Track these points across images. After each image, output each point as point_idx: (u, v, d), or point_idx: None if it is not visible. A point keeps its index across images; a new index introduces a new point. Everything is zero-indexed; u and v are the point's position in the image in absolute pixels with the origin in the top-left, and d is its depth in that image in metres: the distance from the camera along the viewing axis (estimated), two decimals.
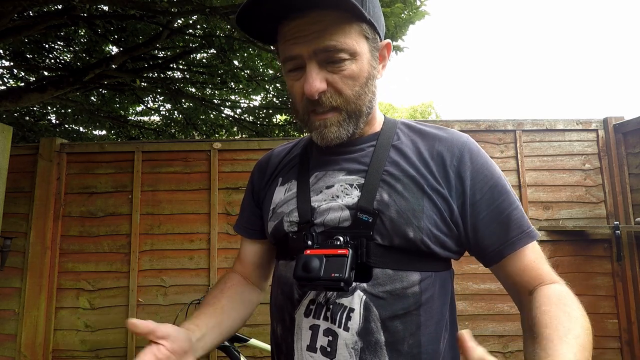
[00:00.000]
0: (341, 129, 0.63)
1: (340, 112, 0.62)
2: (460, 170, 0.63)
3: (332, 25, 0.58)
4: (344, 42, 0.58)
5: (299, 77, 0.62)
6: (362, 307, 0.58)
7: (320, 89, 0.59)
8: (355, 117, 0.63)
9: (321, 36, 0.57)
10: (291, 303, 0.64)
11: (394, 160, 0.65)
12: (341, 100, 0.61)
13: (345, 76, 0.60)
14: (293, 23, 0.59)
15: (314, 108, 0.62)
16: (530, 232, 0.63)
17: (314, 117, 0.63)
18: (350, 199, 0.63)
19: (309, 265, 0.54)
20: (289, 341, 0.63)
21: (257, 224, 0.79)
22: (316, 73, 0.59)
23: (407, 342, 0.58)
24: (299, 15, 0.58)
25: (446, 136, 0.67)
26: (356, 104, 0.62)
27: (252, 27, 0.63)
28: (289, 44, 0.60)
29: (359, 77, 0.61)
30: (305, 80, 0.59)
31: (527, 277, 0.61)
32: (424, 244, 0.59)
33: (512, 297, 0.67)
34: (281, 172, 0.75)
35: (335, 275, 0.53)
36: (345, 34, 0.58)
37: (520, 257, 0.62)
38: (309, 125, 0.64)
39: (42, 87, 2.98)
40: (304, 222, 0.64)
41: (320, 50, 0.58)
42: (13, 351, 2.45)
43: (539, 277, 0.61)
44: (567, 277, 2.53)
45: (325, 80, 0.60)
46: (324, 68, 0.60)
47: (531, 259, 0.62)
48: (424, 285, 0.60)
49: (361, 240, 0.59)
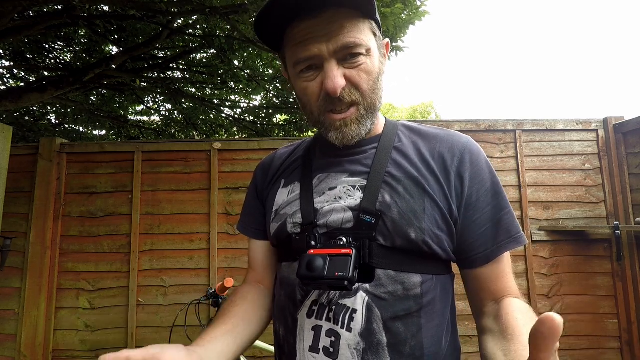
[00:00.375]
0: (361, 126, 0.64)
1: (358, 107, 0.62)
2: (460, 170, 0.64)
3: (348, 23, 0.58)
4: (361, 39, 0.59)
5: (313, 77, 0.61)
6: (365, 308, 0.58)
7: (342, 84, 0.59)
8: (371, 112, 0.64)
9: (340, 34, 0.58)
10: (294, 304, 0.64)
11: (396, 162, 0.65)
12: (359, 94, 0.62)
13: (361, 70, 0.61)
14: (304, 24, 0.59)
15: (332, 107, 0.62)
16: (518, 237, 0.64)
17: (333, 116, 0.63)
18: (353, 201, 0.63)
19: (313, 264, 0.54)
20: (291, 342, 0.63)
21: (264, 224, 0.78)
22: (337, 69, 0.59)
23: (409, 344, 0.59)
24: (310, 16, 0.58)
25: (447, 137, 0.68)
26: (372, 98, 0.63)
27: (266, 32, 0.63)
28: (304, 44, 0.59)
29: (373, 72, 0.62)
30: (327, 77, 0.59)
31: (497, 286, 0.64)
32: (426, 245, 0.60)
33: (471, 301, 0.68)
34: (284, 173, 0.76)
35: (339, 274, 0.53)
36: (360, 31, 0.60)
37: (499, 263, 0.64)
38: (327, 125, 0.64)
39: (42, 87, 2.98)
40: (307, 224, 0.64)
41: (340, 48, 0.58)
42: (13, 351, 2.45)
43: (508, 288, 0.64)
44: (567, 277, 2.54)
45: (344, 75, 0.60)
46: (341, 65, 0.60)
47: (504, 268, 0.64)
48: (425, 288, 0.60)
49: (364, 241, 0.59)
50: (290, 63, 0.64)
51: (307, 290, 0.63)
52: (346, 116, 0.62)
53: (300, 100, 0.67)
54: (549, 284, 2.50)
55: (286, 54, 0.65)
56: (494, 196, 0.64)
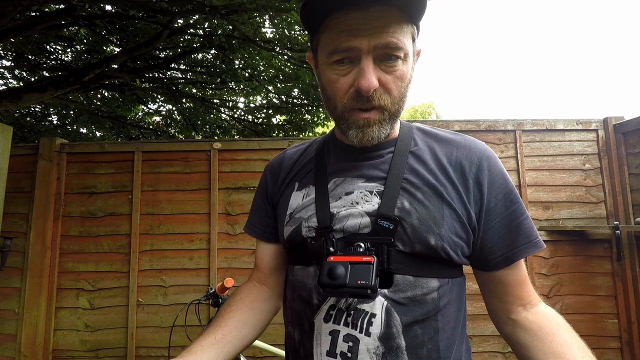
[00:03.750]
0: (382, 129, 0.63)
1: (383, 112, 0.61)
2: (479, 178, 0.64)
3: (393, 23, 0.57)
4: (402, 41, 0.58)
5: (346, 72, 0.60)
6: (384, 313, 0.59)
7: (375, 85, 0.58)
8: (394, 118, 0.63)
9: (384, 32, 0.57)
10: (310, 308, 0.64)
11: (413, 168, 0.65)
12: (389, 100, 0.61)
13: (396, 77, 0.60)
14: (352, 15, 0.57)
15: (359, 106, 0.61)
16: (537, 242, 0.65)
17: (358, 114, 0.61)
18: (370, 206, 0.63)
19: (334, 272, 0.54)
20: (307, 346, 0.63)
21: (272, 226, 0.78)
22: (373, 69, 0.58)
23: (426, 347, 0.59)
24: (358, 7, 0.57)
25: (464, 143, 0.68)
26: (399, 105, 0.63)
27: (310, 10, 0.60)
28: (346, 34, 0.58)
29: (406, 78, 0.61)
30: (362, 75, 0.58)
31: (523, 291, 0.66)
32: (444, 251, 0.60)
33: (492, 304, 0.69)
34: (296, 176, 0.75)
35: (361, 282, 0.53)
36: (403, 33, 0.59)
37: (520, 266, 0.66)
38: (350, 122, 0.63)
39: (42, 87, 2.98)
40: (322, 228, 0.64)
41: (381, 46, 0.57)
42: (13, 351, 2.45)
43: (532, 294, 0.67)
44: (567, 277, 2.54)
45: (378, 78, 0.59)
46: (377, 65, 0.59)
47: (525, 273, 0.67)
48: (442, 292, 0.61)
49: (382, 246, 0.59)
50: (324, 50, 0.62)
51: (324, 295, 0.62)
52: (370, 116, 0.61)
53: (324, 91, 0.65)
54: (549, 284, 2.50)
55: (321, 40, 0.62)
56: (512, 202, 0.65)
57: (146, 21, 3.04)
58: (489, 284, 0.68)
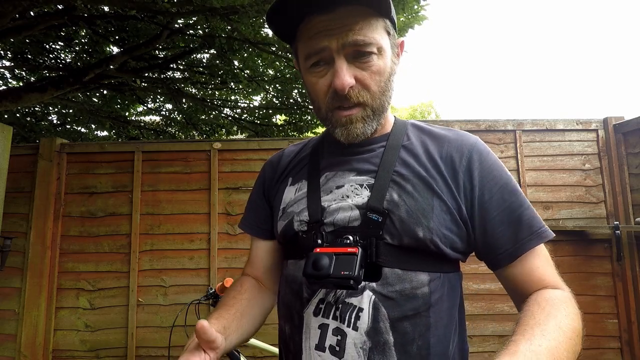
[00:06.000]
0: (366, 125, 0.64)
1: (365, 107, 0.62)
2: (468, 170, 0.64)
3: (360, 20, 0.59)
4: (372, 37, 0.59)
5: (323, 74, 0.62)
6: (371, 307, 0.58)
7: (350, 83, 0.59)
8: (379, 113, 0.64)
9: (351, 30, 0.58)
10: (300, 302, 0.64)
11: (404, 161, 0.65)
12: (368, 96, 0.62)
13: (373, 72, 0.61)
14: (318, 19, 0.59)
15: (339, 104, 0.62)
16: (542, 232, 0.61)
17: (340, 113, 0.63)
18: (360, 199, 0.63)
19: (319, 263, 0.55)
20: (297, 340, 0.63)
21: (268, 222, 0.78)
22: (346, 68, 0.59)
23: (416, 343, 0.58)
24: (325, 11, 0.59)
25: (455, 137, 0.68)
26: (381, 100, 0.63)
27: (280, 25, 0.63)
28: (316, 37, 0.60)
29: (384, 72, 0.62)
30: (336, 75, 0.59)
31: (530, 282, 0.61)
32: (434, 244, 0.59)
33: (513, 300, 0.66)
34: (291, 171, 0.76)
35: (345, 273, 0.53)
36: (372, 29, 0.59)
37: (528, 259, 0.61)
38: (334, 122, 0.64)
39: (42, 87, 2.98)
40: (314, 222, 0.65)
41: (350, 43, 0.58)
42: (13, 351, 2.45)
43: (542, 281, 0.60)
44: (567, 277, 2.52)
45: (354, 76, 0.60)
46: (351, 63, 0.60)
47: (536, 264, 0.61)
48: (433, 286, 0.60)
49: (371, 239, 0.59)
50: (302, 56, 0.64)
51: (314, 288, 0.63)
52: (351, 113, 0.62)
53: (309, 95, 0.67)
54: None
55: (298, 47, 0.65)
56: (510, 194, 0.63)
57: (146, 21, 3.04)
58: (506, 284, 0.65)
